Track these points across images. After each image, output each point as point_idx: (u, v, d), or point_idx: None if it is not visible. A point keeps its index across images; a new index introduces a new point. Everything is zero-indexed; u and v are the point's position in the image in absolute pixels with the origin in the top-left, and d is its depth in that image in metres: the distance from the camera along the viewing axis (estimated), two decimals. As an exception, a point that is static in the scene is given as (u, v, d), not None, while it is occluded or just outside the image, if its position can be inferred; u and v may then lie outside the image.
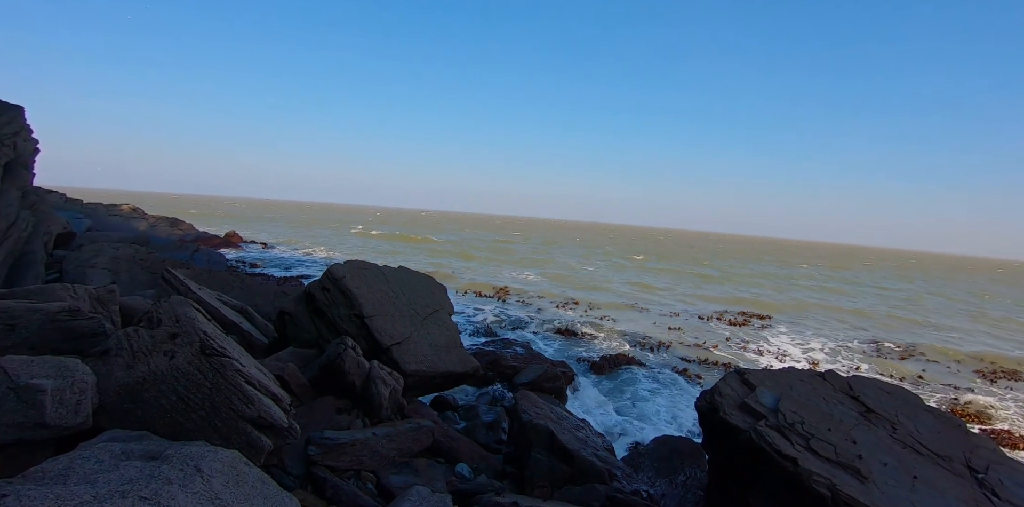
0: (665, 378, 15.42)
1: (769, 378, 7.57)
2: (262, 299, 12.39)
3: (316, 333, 8.65)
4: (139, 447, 3.63)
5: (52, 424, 3.60)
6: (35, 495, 2.71)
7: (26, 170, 16.81)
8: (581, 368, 15.42)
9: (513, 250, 61.00)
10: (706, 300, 32.65)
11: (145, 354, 4.70)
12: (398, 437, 6.64)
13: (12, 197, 14.54)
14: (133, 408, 4.29)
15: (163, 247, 25.23)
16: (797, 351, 21.01)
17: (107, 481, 3.05)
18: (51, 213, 17.78)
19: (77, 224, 25.95)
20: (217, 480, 3.52)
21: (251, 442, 4.49)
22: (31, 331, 5.11)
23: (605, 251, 74.70)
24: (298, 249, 43.98)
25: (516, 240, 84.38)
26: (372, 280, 9.27)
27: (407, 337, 8.61)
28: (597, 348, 18.14)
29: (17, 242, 13.65)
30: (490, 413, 10.14)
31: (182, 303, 5.51)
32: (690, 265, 60.47)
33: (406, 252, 48.96)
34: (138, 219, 36.21)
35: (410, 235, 71.35)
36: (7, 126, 15.59)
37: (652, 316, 25.83)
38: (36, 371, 3.85)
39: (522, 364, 12.57)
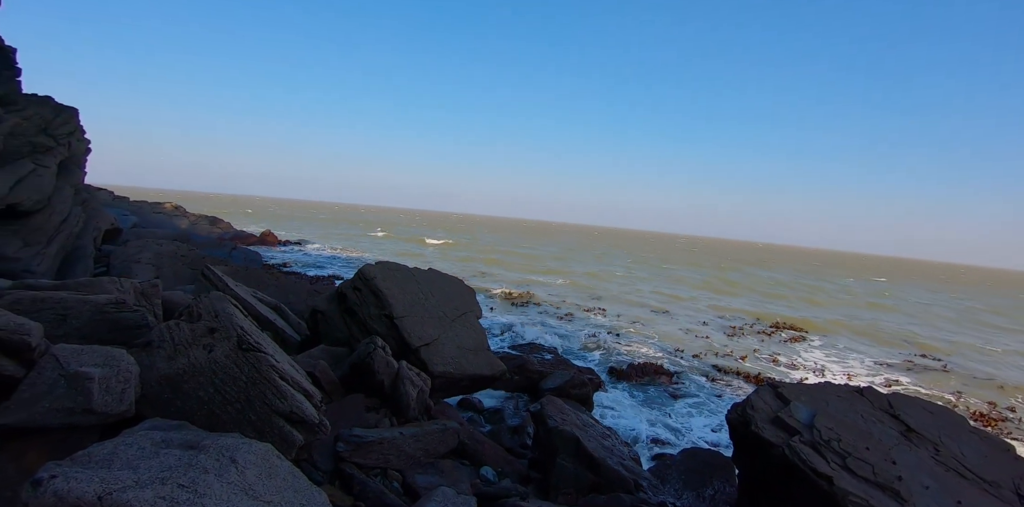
0: (694, 388, 15.12)
1: (804, 393, 7.35)
2: (295, 297, 12.67)
3: (347, 332, 8.79)
4: (178, 436, 3.75)
5: (98, 410, 3.75)
6: (82, 477, 2.82)
7: (79, 169, 17.66)
8: (608, 376, 15.27)
9: (540, 255, 60.93)
10: (737, 310, 31.94)
11: (185, 347, 4.85)
12: (424, 437, 6.68)
13: (66, 194, 15.27)
14: (173, 398, 4.43)
15: (203, 244, 26.09)
16: (832, 365, 20.33)
17: (148, 467, 3.16)
18: (100, 210, 18.60)
19: (124, 221, 27.11)
20: (251, 472, 3.60)
21: (283, 436, 4.58)
22: (81, 321, 5.34)
23: (633, 258, 73.93)
24: (330, 249, 44.88)
25: (543, 245, 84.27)
26: (402, 281, 9.38)
27: (435, 338, 8.68)
28: (624, 356, 17.93)
29: (69, 237, 14.32)
30: (516, 417, 10.11)
31: (221, 299, 5.67)
32: (721, 273, 59.30)
33: (433, 254, 49.43)
34: (180, 217, 37.58)
35: (438, 238, 72.05)
36: (63, 127, 16.43)
37: (681, 324, 25.40)
38: (85, 359, 4.01)
39: (548, 369, 12.51)
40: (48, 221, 13.70)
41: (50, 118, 16.01)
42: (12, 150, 13.72)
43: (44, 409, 3.59)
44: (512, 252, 59.62)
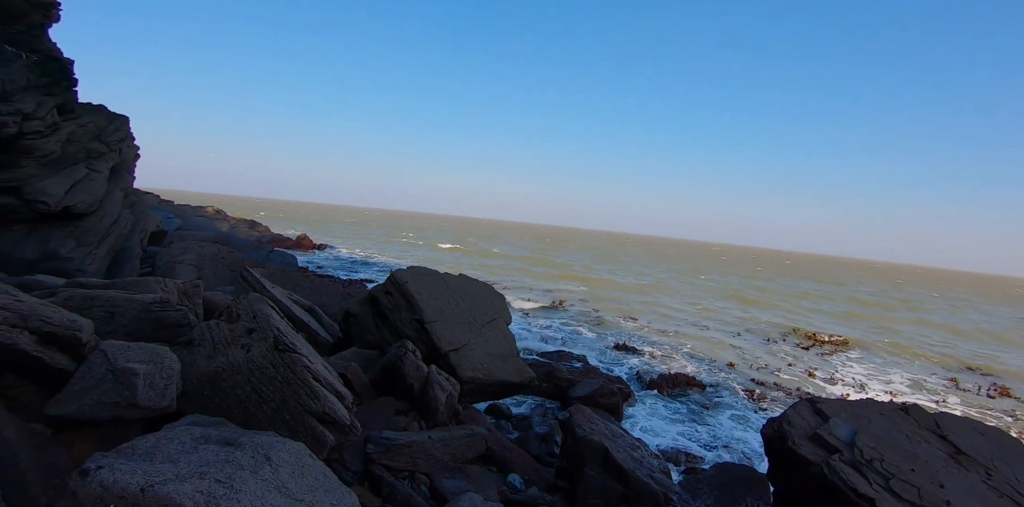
0: (727, 401, 14.74)
1: (844, 409, 7.08)
2: (329, 299, 12.92)
3: (378, 335, 8.90)
4: (216, 432, 3.85)
5: (142, 405, 3.88)
6: (126, 469, 2.92)
7: (128, 173, 18.50)
8: (638, 386, 15.02)
9: (571, 262, 60.61)
10: (772, 321, 31.05)
11: (224, 346, 4.99)
12: (453, 442, 6.69)
13: (116, 197, 16.00)
14: (212, 395, 4.56)
15: (242, 247, 26.93)
16: (872, 381, 19.53)
17: (188, 462, 3.26)
18: (147, 212, 19.42)
19: (168, 223, 28.22)
20: (284, 470, 3.67)
21: (316, 436, 4.65)
22: (128, 319, 5.56)
23: (665, 266, 72.80)
24: (362, 253, 45.66)
25: (574, 252, 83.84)
26: (433, 286, 9.46)
27: (465, 344, 8.71)
28: (655, 366, 17.62)
29: (119, 238, 14.97)
30: (543, 425, 10.04)
31: (258, 300, 5.82)
32: (755, 281, 57.82)
33: (463, 260, 49.72)
34: (221, 220, 38.88)
35: (470, 244, 72.51)
36: (115, 133, 17.24)
37: (714, 335, 24.84)
38: (131, 356, 4.17)
39: (577, 378, 12.40)
40: (99, 223, 14.37)
41: (103, 125, 16.83)
42: (68, 156, 14.45)
43: (93, 402, 3.74)
44: (541, 260, 59.48)
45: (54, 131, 14.00)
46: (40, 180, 12.97)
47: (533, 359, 14.25)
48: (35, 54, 14.49)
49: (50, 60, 15.06)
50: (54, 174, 13.56)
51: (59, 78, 15.16)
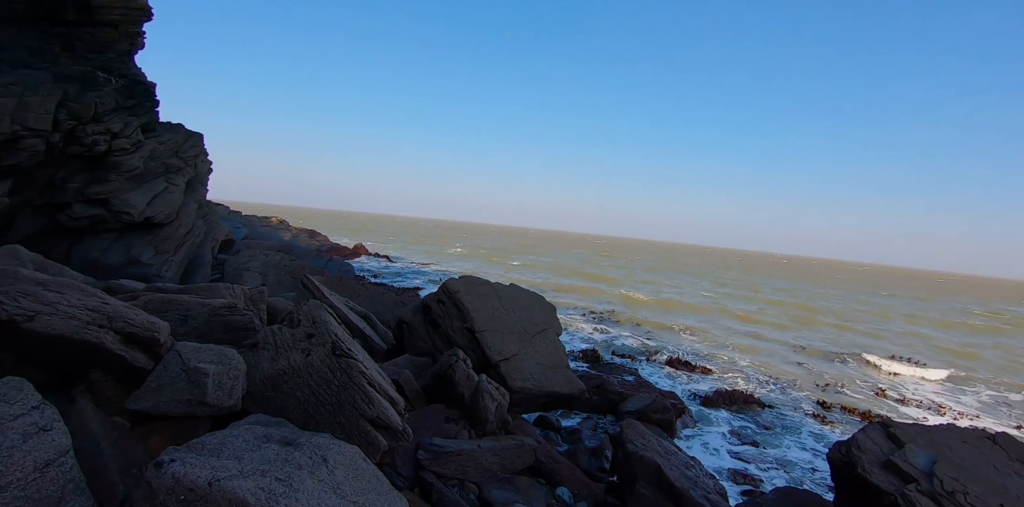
0: (789, 421, 13.98)
1: (922, 435, 6.58)
2: (383, 307, 13.27)
3: (430, 343, 9.06)
4: (277, 432, 4.01)
5: (211, 403, 4.10)
6: (196, 463, 3.09)
7: (202, 186, 19.79)
8: (693, 402, 14.50)
9: (623, 272, 59.64)
10: (839, 336, 29.31)
11: (286, 350, 5.21)
12: (502, 452, 6.68)
13: (191, 208, 17.12)
14: (273, 396, 4.76)
15: (303, 255, 28.14)
16: (953, 403, 18.00)
17: (251, 459, 3.40)
18: (218, 222, 20.66)
19: (237, 232, 29.93)
20: (339, 471, 3.77)
21: (369, 440, 4.75)
22: (199, 322, 5.91)
23: (719, 277, 70.35)
24: (416, 262, 46.68)
25: (625, 261, 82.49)
26: (485, 296, 9.54)
27: (515, 354, 8.71)
28: (711, 381, 16.97)
29: (192, 246, 15.98)
30: (594, 439, 9.84)
31: (318, 307, 6.04)
32: (820, 289, 54.86)
33: (513, 270, 49.88)
34: (284, 230, 40.85)
35: (518, 254, 72.78)
36: (191, 150, 18.52)
37: (775, 350, 23.70)
38: (202, 356, 4.43)
39: (629, 391, 12.11)
40: (176, 232, 15.41)
41: (181, 142, 18.13)
42: (150, 170, 15.64)
43: (167, 399, 3.99)
44: (591, 273, 58.85)
45: (138, 148, 15.19)
46: (125, 193, 14.07)
47: (583, 371, 14.05)
48: (123, 78, 15.83)
49: (136, 84, 16.41)
50: (137, 187, 14.68)
51: (143, 100, 16.49)
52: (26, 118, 11.70)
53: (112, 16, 15.65)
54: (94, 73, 14.44)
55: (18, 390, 3.13)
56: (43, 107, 12.15)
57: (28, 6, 13.39)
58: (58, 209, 13.24)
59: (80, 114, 13.26)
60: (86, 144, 13.39)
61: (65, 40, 14.82)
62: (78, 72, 13.93)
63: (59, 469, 2.92)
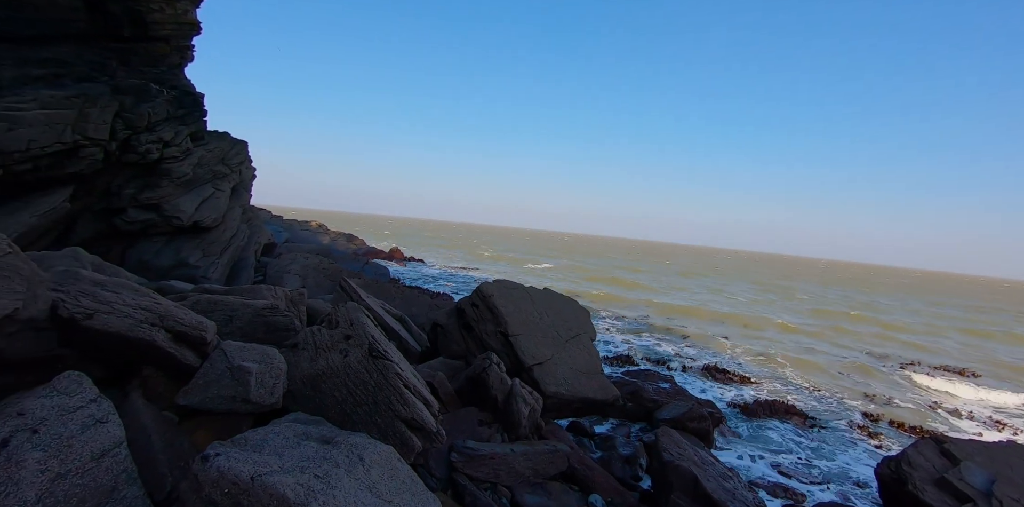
0: (834, 433, 13.45)
1: (979, 452, 6.23)
2: (418, 310, 13.44)
3: (464, 346, 9.12)
4: (316, 430, 4.11)
5: (254, 401, 4.24)
6: (239, 458, 3.19)
7: (246, 191, 20.54)
8: (731, 411, 14.12)
9: (657, 277, 58.71)
10: (888, 344, 28.03)
11: (325, 350, 5.34)
12: (535, 457, 6.66)
13: (236, 213, 17.77)
14: (312, 395, 4.88)
15: (341, 258, 28.80)
16: (1013, 419, 16.95)
17: (291, 456, 3.50)
18: (261, 227, 21.39)
19: (278, 236, 30.90)
20: (375, 471, 3.83)
21: (404, 441, 4.82)
22: (243, 322, 6.12)
23: (757, 282, 68.33)
24: (451, 266, 47.15)
25: (660, 266, 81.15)
26: (518, 300, 9.56)
27: (549, 358, 8.68)
28: (751, 390, 16.50)
29: (237, 249, 16.58)
30: (628, 446, 9.70)
31: (355, 309, 6.17)
32: (865, 296, 52.62)
33: (546, 274, 49.75)
34: (322, 234, 41.94)
35: (549, 256, 72.58)
36: (236, 157, 19.26)
37: (819, 359, 22.85)
38: (246, 355, 4.58)
39: (664, 399, 11.89)
40: (222, 236, 16.02)
41: (227, 150, 18.88)
42: (198, 177, 16.33)
43: (213, 395, 4.15)
44: (625, 278, 58.13)
45: (187, 156, 15.89)
46: (175, 198, 14.72)
47: (617, 377, 13.88)
48: (174, 90, 16.61)
49: (186, 95, 17.20)
50: (187, 193, 15.34)
51: (192, 110, 17.25)
52: (86, 128, 12.40)
53: (164, 31, 16.48)
54: (148, 85, 15.20)
55: (78, 384, 3.31)
56: (102, 118, 12.85)
57: (89, 24, 14.21)
58: (114, 214, 13.95)
59: (135, 124, 13.97)
60: (140, 152, 14.09)
61: (122, 55, 15.66)
62: (133, 85, 14.68)
63: (114, 459, 3.06)
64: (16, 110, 10.91)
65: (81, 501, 2.80)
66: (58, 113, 11.66)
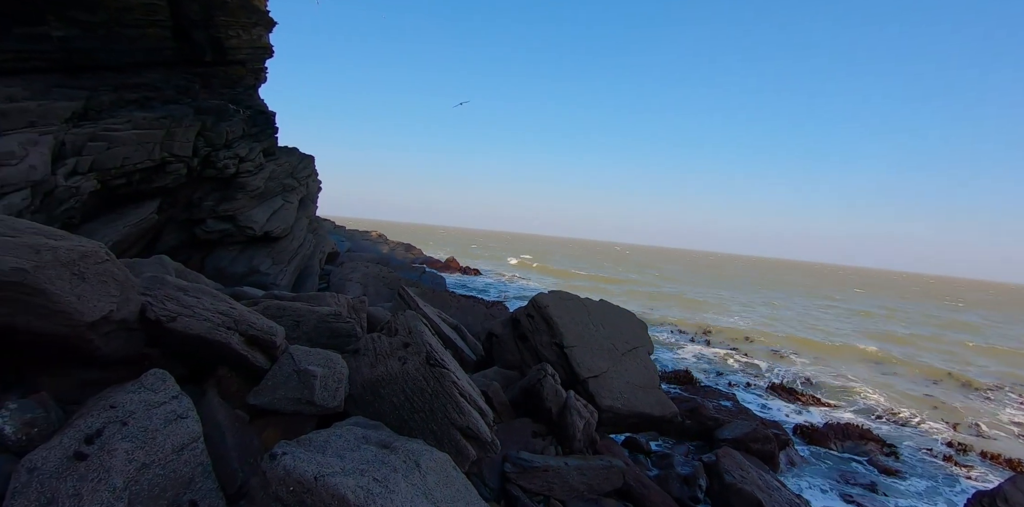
0: (914, 463, 12.41)
1: (1091, 489, 5.57)
2: (473, 319, 13.58)
3: (519, 356, 9.12)
4: (375, 435, 4.22)
5: (318, 403, 4.41)
6: (304, 458, 3.32)
7: (312, 203, 21.58)
8: (798, 434, 13.33)
9: (719, 289, 56.61)
10: (979, 364, 25.64)
11: (384, 357, 5.48)
12: (589, 471, 6.53)
13: (303, 224, 18.67)
14: (372, 400, 5.01)
15: (399, 267, 29.60)
16: None
17: (351, 458, 3.60)
18: (325, 236, 22.36)
19: (341, 246, 32.21)
20: (431, 477, 3.88)
21: (459, 449, 4.85)
22: (309, 327, 6.39)
23: (823, 294, 64.42)
24: (506, 276, 47.44)
25: (723, 277, 78.24)
26: (574, 311, 9.47)
27: (604, 371, 8.53)
28: (821, 413, 15.53)
29: (304, 258, 17.40)
30: (686, 465, 9.34)
31: (414, 317, 6.31)
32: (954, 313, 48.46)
33: (602, 286, 49.06)
34: (382, 243, 43.33)
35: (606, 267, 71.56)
36: (304, 170, 20.30)
37: (899, 380, 21.22)
38: (311, 359, 4.77)
39: (726, 417, 11.39)
40: (290, 245, 16.87)
41: (295, 164, 19.96)
42: (269, 190, 17.32)
43: (281, 396, 4.35)
44: (685, 291, 56.44)
45: (260, 170, 16.91)
46: (249, 210, 15.66)
47: (676, 393, 13.43)
48: (249, 109, 17.80)
49: (259, 113, 18.37)
50: (259, 205, 16.29)
51: (265, 127, 18.39)
52: (172, 146, 13.46)
53: (241, 55, 17.75)
54: (226, 106, 16.36)
55: (162, 381, 3.56)
56: (186, 136, 13.92)
57: (176, 52, 15.52)
58: (195, 224, 15.01)
59: (215, 142, 15.04)
60: (219, 167, 15.13)
61: (203, 78, 16.97)
62: (213, 105, 15.84)
63: (192, 453, 3.26)
64: (113, 130, 11.99)
65: (163, 490, 3.00)
66: (148, 133, 12.72)
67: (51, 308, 3.42)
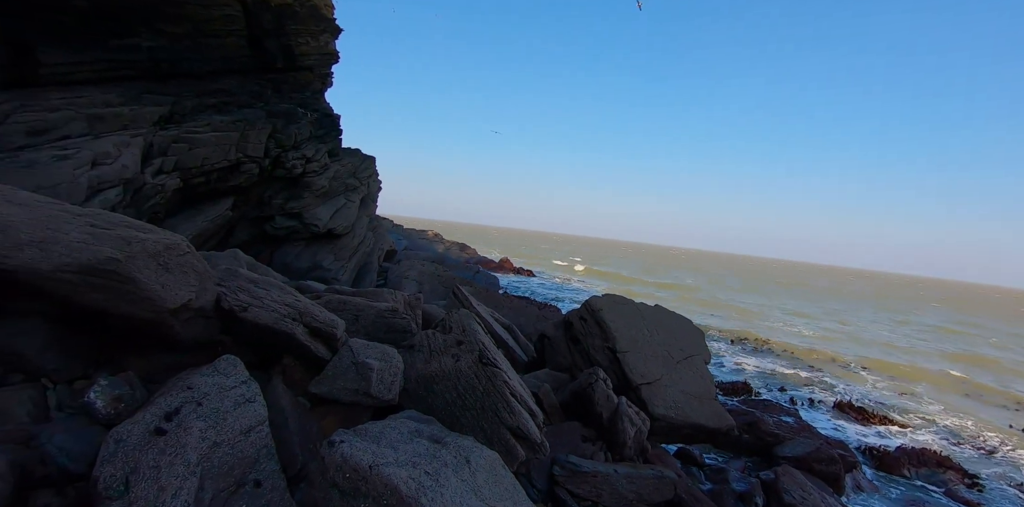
0: (1000, 497, 11.36)
1: None
2: (525, 320, 13.60)
3: (570, 359, 9.05)
4: (427, 429, 4.30)
5: (374, 395, 4.55)
6: (360, 447, 3.43)
7: (373, 202, 22.30)
8: (866, 457, 12.49)
9: (782, 298, 54.04)
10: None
11: (439, 354, 5.58)
12: (639, 480, 6.38)
13: (363, 222, 19.32)
14: (425, 396, 5.11)
15: (454, 267, 30.11)
16: None
17: (405, 451, 3.69)
18: (384, 235, 23.07)
19: (398, 244, 33.12)
20: (480, 475, 3.91)
21: (508, 449, 4.86)
22: (367, 322, 6.59)
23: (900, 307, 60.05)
24: (559, 278, 47.28)
25: (786, 285, 74.62)
26: (628, 316, 9.31)
27: (658, 379, 8.33)
28: (893, 435, 14.50)
29: (364, 255, 18.01)
30: (742, 482, 8.96)
31: (468, 316, 6.39)
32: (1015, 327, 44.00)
33: (657, 292, 47.91)
34: (438, 243, 44.21)
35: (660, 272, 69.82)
36: (365, 171, 21.01)
37: (985, 407, 19.49)
38: (369, 353, 4.92)
39: (787, 434, 10.84)
40: (351, 242, 17.51)
41: (358, 165, 20.69)
42: (333, 189, 18.04)
43: (340, 387, 4.52)
44: (741, 298, 54.23)
45: (325, 170, 17.64)
46: (314, 208, 16.36)
47: (733, 405, 12.91)
48: (316, 112, 18.63)
49: (325, 116, 19.18)
50: (323, 203, 17.00)
51: (330, 129, 19.18)
52: (246, 148, 14.28)
53: (309, 61, 18.64)
54: (295, 109, 17.20)
55: (234, 366, 3.77)
56: (258, 138, 14.73)
57: (250, 59, 16.49)
58: (264, 221, 15.85)
59: (284, 143, 15.84)
60: (287, 168, 15.92)
61: (275, 84, 17.94)
62: (284, 109, 16.69)
63: (258, 435, 3.44)
64: (195, 133, 12.86)
65: (231, 468, 3.18)
66: (225, 135, 13.56)
67: (139, 294, 3.69)
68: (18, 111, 9.56)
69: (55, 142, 9.74)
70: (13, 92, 10.20)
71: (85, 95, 11.06)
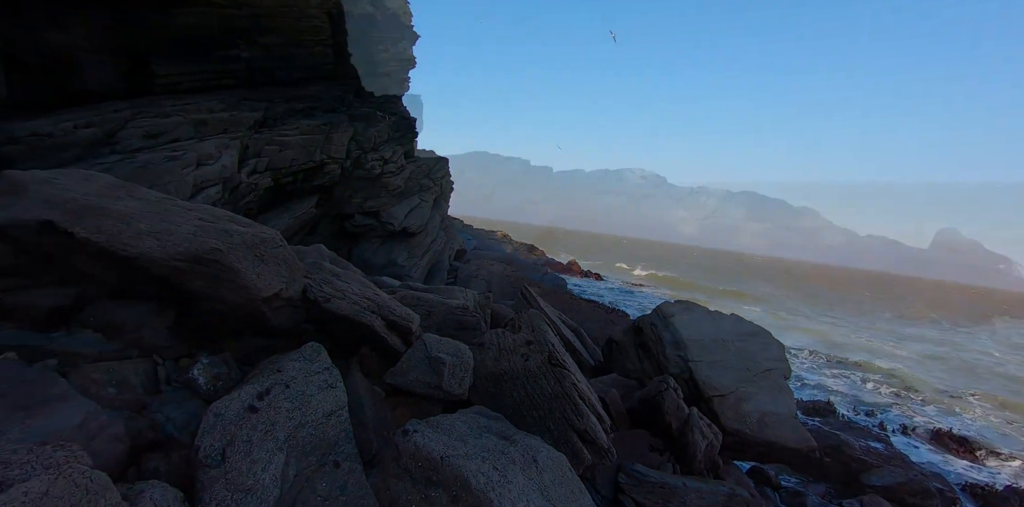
0: None
1: None
2: (592, 324, 13.44)
3: (639, 365, 8.84)
4: (496, 425, 4.34)
5: (445, 389, 4.66)
6: (432, 437, 3.52)
7: (445, 202, 22.89)
8: (966, 494, 11.29)
9: (870, 312, 50.00)
10: None
11: (508, 352, 5.61)
12: (708, 496, 6.11)
13: (436, 222, 19.86)
14: (494, 393, 5.17)
15: (522, 267, 30.25)
16: None
17: (473, 445, 3.74)
18: (455, 234, 23.61)
19: (468, 244, 33.77)
20: (547, 475, 3.90)
21: (575, 452, 4.82)
22: (439, 318, 6.76)
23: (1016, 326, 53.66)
24: (628, 282, 46.35)
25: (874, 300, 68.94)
26: (701, 323, 8.97)
27: (732, 391, 7.96)
28: (1003, 472, 13.03)
29: (436, 253, 18.51)
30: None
31: (537, 316, 6.39)
32: None
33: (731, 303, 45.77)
34: (506, 243, 44.66)
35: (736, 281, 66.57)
36: (438, 172, 21.59)
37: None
38: (441, 348, 5.04)
39: (875, 461, 10.02)
40: (424, 241, 18.05)
41: (432, 165, 21.30)
42: (408, 189, 18.67)
43: (413, 379, 4.66)
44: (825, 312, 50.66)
45: (401, 171, 18.30)
46: (390, 207, 17.01)
47: (814, 425, 12.07)
48: (393, 116, 19.38)
49: (402, 119, 19.92)
50: (399, 203, 17.63)
51: (407, 132, 19.87)
52: (330, 149, 15.09)
53: (389, 67, 19.41)
54: (374, 113, 17.99)
55: (318, 353, 3.99)
56: (341, 141, 15.52)
57: (335, 67, 17.44)
58: (345, 219, 16.67)
59: (364, 145, 16.59)
60: (367, 168, 16.66)
61: (357, 89, 18.85)
62: (364, 113, 17.49)
63: (338, 419, 3.62)
64: (285, 136, 13.75)
65: (313, 448, 3.37)
66: (311, 138, 14.41)
67: (237, 282, 4.00)
68: (136, 117, 10.62)
69: (166, 144, 10.74)
70: (132, 101, 11.37)
71: (192, 102, 12.12)
